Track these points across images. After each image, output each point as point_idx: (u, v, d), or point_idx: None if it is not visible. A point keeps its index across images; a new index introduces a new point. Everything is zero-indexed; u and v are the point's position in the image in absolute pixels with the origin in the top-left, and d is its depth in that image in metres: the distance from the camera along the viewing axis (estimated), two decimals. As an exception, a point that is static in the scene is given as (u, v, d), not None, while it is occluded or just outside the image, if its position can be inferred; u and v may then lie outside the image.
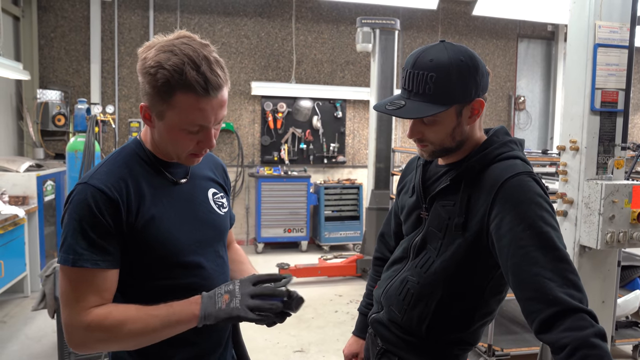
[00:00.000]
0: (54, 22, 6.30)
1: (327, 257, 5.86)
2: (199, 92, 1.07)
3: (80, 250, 1.08)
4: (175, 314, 1.11)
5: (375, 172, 5.81)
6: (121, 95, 6.60)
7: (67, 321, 1.10)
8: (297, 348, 3.80)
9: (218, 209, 1.32)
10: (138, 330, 1.09)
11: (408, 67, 1.23)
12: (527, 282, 1.09)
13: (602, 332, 1.02)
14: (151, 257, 1.16)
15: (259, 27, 6.96)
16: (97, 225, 1.09)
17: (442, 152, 1.31)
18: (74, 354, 3.03)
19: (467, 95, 1.22)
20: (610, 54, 2.61)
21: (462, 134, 1.27)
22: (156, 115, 1.13)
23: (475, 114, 1.26)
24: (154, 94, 1.10)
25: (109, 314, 1.09)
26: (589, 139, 2.66)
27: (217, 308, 1.11)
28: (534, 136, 8.32)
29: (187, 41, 1.10)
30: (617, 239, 2.56)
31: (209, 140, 1.15)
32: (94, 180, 1.12)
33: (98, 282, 1.10)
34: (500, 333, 3.62)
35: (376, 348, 1.48)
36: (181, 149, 1.17)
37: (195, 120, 1.11)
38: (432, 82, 1.19)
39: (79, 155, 4.15)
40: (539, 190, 1.18)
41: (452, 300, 1.30)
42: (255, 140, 7.06)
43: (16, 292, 4.67)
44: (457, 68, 1.19)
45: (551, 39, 8.18)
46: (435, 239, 1.31)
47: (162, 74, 1.06)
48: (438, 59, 1.20)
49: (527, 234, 1.11)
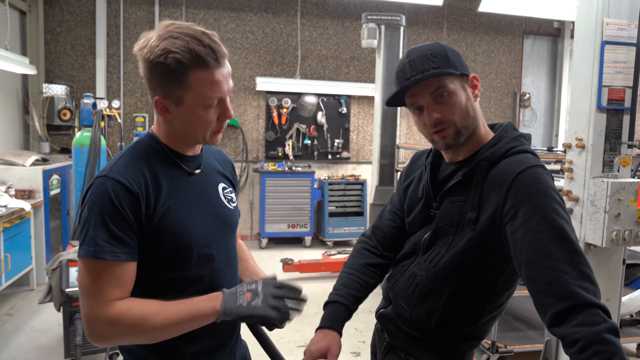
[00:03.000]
0: (60, 16, 6.31)
1: (331, 252, 5.87)
2: (211, 64, 1.10)
3: (100, 242, 1.08)
4: (196, 309, 1.12)
5: (379, 168, 5.81)
6: (126, 90, 6.61)
7: (89, 314, 1.09)
8: (301, 343, 3.82)
9: (228, 203, 1.33)
10: (159, 325, 1.10)
11: (404, 61, 1.29)
12: (541, 274, 1.09)
13: (615, 327, 1.02)
14: (167, 248, 1.17)
15: (264, 22, 6.95)
16: (117, 218, 1.09)
17: (462, 133, 1.28)
18: (79, 346, 3.06)
19: (464, 69, 1.29)
20: (618, 52, 2.60)
21: (474, 109, 1.30)
22: (174, 102, 1.14)
23: (476, 89, 1.32)
24: (168, 80, 1.11)
25: (131, 307, 1.10)
26: (595, 137, 2.65)
27: (239, 305, 1.13)
28: (538, 133, 8.29)
29: (177, 25, 1.13)
30: (623, 236, 2.56)
31: (227, 111, 1.19)
32: (113, 173, 1.13)
33: (118, 275, 1.10)
34: (504, 330, 3.63)
35: (383, 343, 1.48)
36: (206, 127, 1.18)
37: (213, 94, 1.13)
38: (432, 57, 1.26)
39: (85, 150, 4.16)
40: (551, 184, 1.19)
41: (463, 293, 1.30)
42: (260, 136, 7.06)
43: (22, 285, 4.71)
44: (448, 48, 1.30)
45: (557, 35, 8.13)
46: (445, 234, 1.31)
47: (173, 57, 1.08)
48: (428, 45, 1.30)
49: (541, 227, 1.12)
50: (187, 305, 1.12)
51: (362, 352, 3.70)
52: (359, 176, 7.11)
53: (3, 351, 3.53)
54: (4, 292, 4.43)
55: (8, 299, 4.50)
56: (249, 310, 1.13)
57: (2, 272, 3.98)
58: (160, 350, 1.20)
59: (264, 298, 1.14)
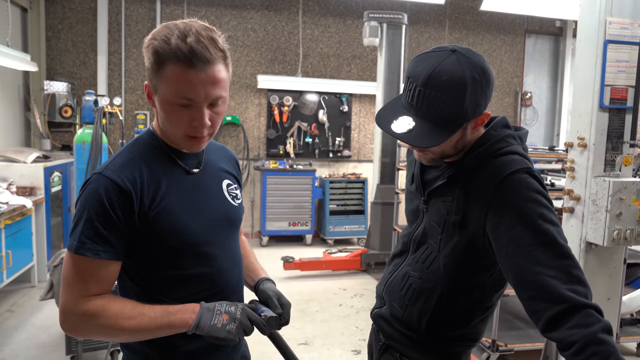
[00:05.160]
0: (61, 13, 6.30)
1: (331, 250, 5.88)
2: (184, 61, 1.07)
3: (84, 239, 1.10)
4: (169, 318, 1.13)
5: (380, 166, 5.81)
6: (127, 87, 6.61)
7: (65, 305, 1.12)
8: (302, 341, 3.82)
9: (232, 200, 1.33)
10: (130, 328, 1.11)
11: (418, 83, 1.15)
12: (530, 281, 1.08)
13: (609, 326, 1.02)
14: (164, 246, 1.17)
15: (266, 20, 6.94)
16: (104, 217, 1.10)
17: (442, 159, 1.30)
18: (81, 343, 3.07)
19: (477, 113, 1.19)
20: (621, 51, 2.60)
21: (464, 144, 1.25)
22: (153, 89, 1.15)
23: (480, 124, 1.24)
24: (150, 67, 1.13)
25: (104, 306, 1.11)
26: (597, 136, 2.65)
27: (212, 324, 1.13)
28: (540, 132, 8.28)
29: (189, 21, 1.13)
30: (624, 236, 2.56)
31: (201, 119, 1.12)
32: (108, 171, 1.14)
33: (98, 272, 1.12)
34: (505, 328, 3.63)
35: (379, 343, 1.48)
36: (176, 127, 1.15)
37: (183, 92, 1.09)
38: (445, 106, 1.14)
39: (87, 147, 4.16)
40: (536, 187, 1.16)
41: (453, 296, 1.30)
42: (261, 134, 7.06)
43: (23, 282, 4.72)
44: (472, 87, 1.14)
45: (559, 34, 8.12)
46: (435, 233, 1.31)
47: (153, 45, 1.10)
48: (452, 78, 1.13)
49: (526, 233, 1.10)
50: (162, 312, 1.13)
51: (363, 350, 3.70)
52: (360, 174, 7.11)
53: (5, 348, 3.54)
54: (5, 289, 4.44)
55: (9, 296, 4.51)
56: (222, 333, 1.13)
57: (4, 269, 3.98)
58: (159, 347, 1.20)
59: (238, 326, 1.15)
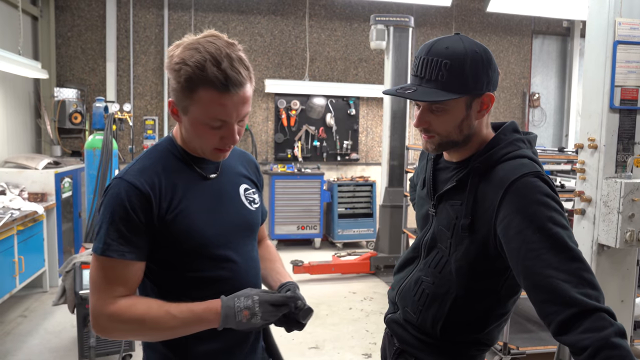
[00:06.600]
0: (71, 21, 6.37)
1: (340, 254, 5.87)
2: (219, 88, 1.11)
3: (109, 241, 1.14)
4: (196, 319, 1.17)
5: (389, 169, 5.81)
6: (136, 93, 6.66)
7: (94, 307, 1.17)
8: (312, 344, 3.82)
9: (249, 205, 1.36)
10: (156, 327, 1.16)
11: (422, 54, 1.24)
12: (541, 284, 1.08)
13: (622, 330, 1.01)
14: (181, 249, 1.21)
15: (273, 24, 6.97)
16: (127, 219, 1.15)
17: (448, 144, 1.30)
18: (93, 348, 3.09)
19: (478, 87, 1.22)
20: (631, 51, 2.58)
21: (469, 128, 1.26)
22: (181, 110, 1.19)
23: (485, 108, 1.26)
24: (179, 89, 1.15)
25: (131, 306, 1.15)
26: (608, 137, 2.64)
27: (237, 321, 1.18)
28: (548, 133, 8.24)
29: (213, 40, 1.15)
30: (637, 237, 2.54)
31: (232, 136, 1.19)
32: (128, 175, 1.19)
33: (124, 273, 1.16)
34: (516, 331, 3.61)
35: (393, 348, 1.48)
36: (205, 144, 1.21)
37: (217, 115, 1.15)
38: (445, 69, 1.20)
39: (97, 153, 4.20)
40: (546, 190, 1.16)
41: (467, 301, 1.30)
42: (269, 138, 7.09)
43: (35, 287, 4.76)
44: (472, 58, 1.20)
45: (567, 35, 8.09)
46: (444, 238, 1.31)
47: (185, 70, 1.12)
48: (453, 47, 1.21)
49: (537, 237, 1.10)
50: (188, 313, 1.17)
51: (374, 354, 3.70)
52: (368, 177, 7.10)
53: (18, 352, 3.57)
54: (18, 295, 4.48)
55: (22, 301, 4.55)
56: (250, 326, 1.19)
57: (17, 274, 4.02)
58: (178, 348, 1.23)
59: (262, 316, 1.19)
